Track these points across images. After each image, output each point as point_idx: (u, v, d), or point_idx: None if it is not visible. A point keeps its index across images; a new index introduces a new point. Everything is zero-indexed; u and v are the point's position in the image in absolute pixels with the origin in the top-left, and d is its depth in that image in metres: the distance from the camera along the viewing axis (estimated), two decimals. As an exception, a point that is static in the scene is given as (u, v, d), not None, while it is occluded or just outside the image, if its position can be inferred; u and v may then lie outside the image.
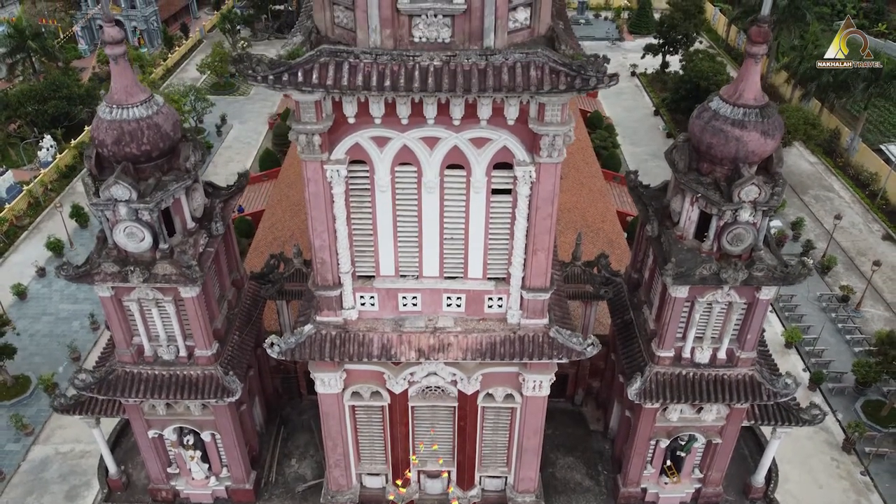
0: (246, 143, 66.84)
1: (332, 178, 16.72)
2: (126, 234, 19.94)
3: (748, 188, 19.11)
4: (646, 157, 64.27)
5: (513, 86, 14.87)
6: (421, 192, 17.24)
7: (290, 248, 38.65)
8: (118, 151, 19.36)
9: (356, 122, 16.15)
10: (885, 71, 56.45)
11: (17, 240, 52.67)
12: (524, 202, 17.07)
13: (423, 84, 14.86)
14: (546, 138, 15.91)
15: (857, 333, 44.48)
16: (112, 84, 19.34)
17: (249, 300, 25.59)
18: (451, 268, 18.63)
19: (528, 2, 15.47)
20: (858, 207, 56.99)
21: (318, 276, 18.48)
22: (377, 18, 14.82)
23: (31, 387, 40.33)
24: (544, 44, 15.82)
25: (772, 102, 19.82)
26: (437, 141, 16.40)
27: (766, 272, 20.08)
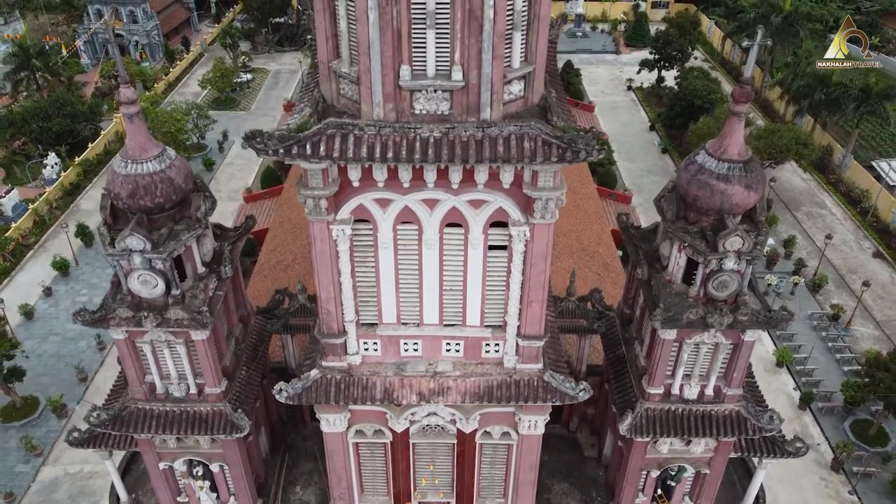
0: (247, 159, 67.73)
1: (338, 236, 17.71)
2: (140, 282, 20.89)
3: (732, 239, 20.09)
4: (641, 173, 65.44)
5: (508, 157, 15.86)
6: (421, 247, 18.21)
7: (292, 273, 39.91)
8: (133, 204, 20.32)
9: (360, 186, 17.13)
10: (875, 90, 57.48)
11: (23, 259, 53.61)
12: (519, 258, 18.06)
13: (423, 155, 15.85)
14: (539, 202, 16.90)
15: (846, 352, 45.56)
16: (127, 140, 20.27)
17: (256, 335, 26.55)
18: (450, 316, 19.61)
19: (523, 75, 16.47)
20: (850, 224, 58.07)
21: (323, 325, 19.45)
22: (380, 94, 15.80)
23: (39, 408, 41.32)
24: (538, 113, 16.80)
25: (755, 156, 20.79)
26: (436, 202, 17.39)
27: (750, 316, 21.08)
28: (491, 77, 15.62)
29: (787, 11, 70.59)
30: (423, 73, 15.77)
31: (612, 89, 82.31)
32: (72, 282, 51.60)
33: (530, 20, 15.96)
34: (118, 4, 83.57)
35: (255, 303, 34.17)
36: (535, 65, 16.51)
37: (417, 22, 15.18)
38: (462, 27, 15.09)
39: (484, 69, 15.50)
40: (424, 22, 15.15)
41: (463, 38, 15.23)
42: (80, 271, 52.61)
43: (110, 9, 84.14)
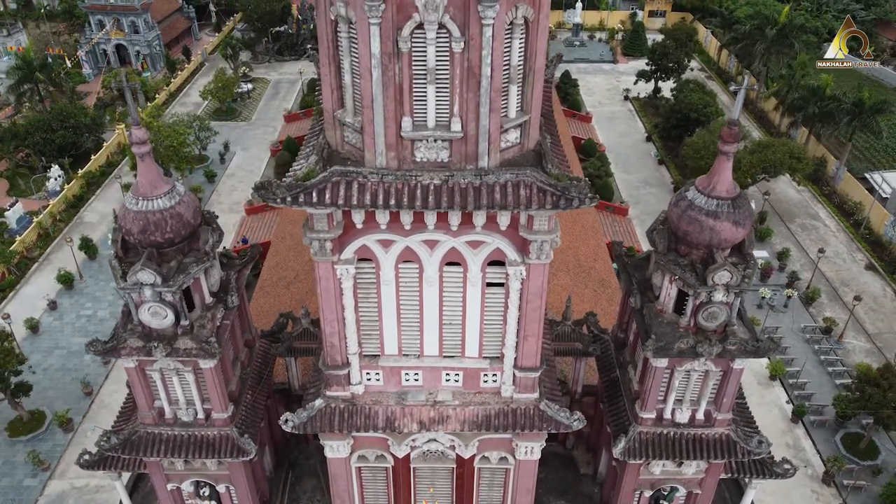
0: (248, 170, 68.51)
1: (342, 275, 18.50)
2: (150, 314, 21.66)
3: (721, 273, 20.90)
4: (638, 185, 66.24)
5: (504, 204, 16.66)
6: (422, 284, 18.99)
7: (295, 291, 40.66)
8: (144, 239, 21.09)
9: (363, 228, 17.92)
10: (868, 105, 58.29)
11: (28, 272, 54.31)
12: (516, 295, 18.86)
13: (424, 201, 16.65)
14: (535, 244, 17.70)
15: (839, 366, 46.37)
16: (138, 177, 21.03)
17: (260, 359, 27.33)
18: (449, 348, 20.40)
19: (519, 123, 17.26)
20: (843, 236, 58.90)
21: (327, 357, 20.24)
22: (383, 144, 16.59)
23: (45, 422, 42.02)
24: (533, 158, 17.61)
25: (743, 192, 21.57)
26: (436, 243, 18.17)
27: (738, 346, 21.91)
28: (488, 128, 16.42)
29: (782, 24, 71.38)
30: (424, 124, 16.56)
31: (609, 99, 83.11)
32: (76, 295, 52.31)
33: (526, 73, 16.75)
34: (119, 15, 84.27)
35: (258, 319, 35.12)
36: (531, 114, 17.31)
37: (418, 78, 15.97)
38: (461, 83, 15.88)
39: (482, 121, 16.29)
40: (425, 78, 15.93)
41: (462, 93, 16.02)
42: (85, 284, 53.30)
43: (112, 19, 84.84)
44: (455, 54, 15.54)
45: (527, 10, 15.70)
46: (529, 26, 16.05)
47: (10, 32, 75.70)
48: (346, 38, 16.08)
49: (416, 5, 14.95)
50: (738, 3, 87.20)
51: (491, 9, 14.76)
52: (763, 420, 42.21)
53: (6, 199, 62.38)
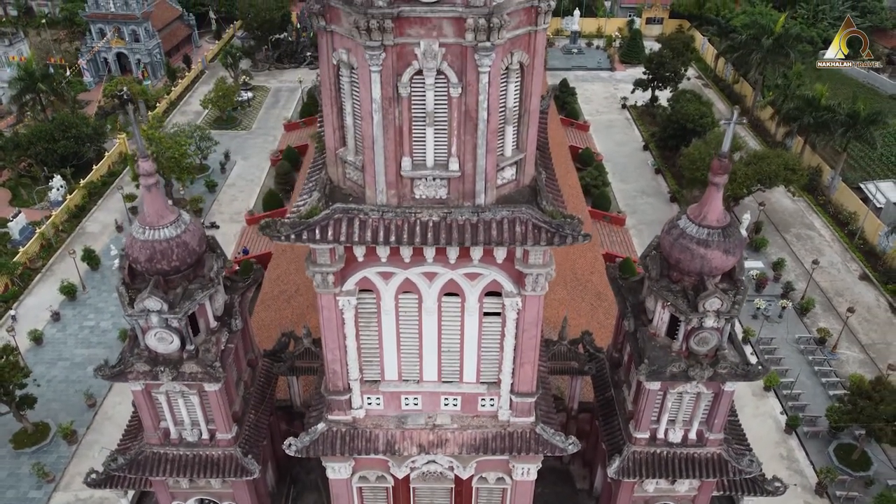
0: (249, 180, 69.08)
1: (344, 306, 19.09)
2: (157, 339, 22.25)
3: (712, 300, 21.51)
4: (635, 194, 66.85)
5: (501, 240, 17.27)
6: (421, 314, 19.59)
7: (296, 304, 41.22)
8: (150, 267, 21.66)
9: (364, 261, 18.50)
10: (863, 116, 58.93)
11: (31, 282, 54.85)
12: (512, 324, 19.47)
13: (423, 238, 17.26)
14: (530, 276, 18.30)
15: (832, 376, 47.01)
16: (145, 207, 21.61)
17: (263, 378, 27.92)
18: (448, 374, 21.00)
19: (514, 161, 17.87)
20: (838, 246, 59.53)
21: (329, 383, 20.84)
22: (384, 182, 17.19)
23: (50, 434, 42.59)
24: (528, 194, 18.21)
25: (734, 221, 22.18)
26: (435, 275, 18.76)
27: (729, 370, 22.52)
28: (485, 168, 17.02)
29: (778, 33, 72.02)
30: (423, 163, 17.17)
31: (606, 107, 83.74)
32: (79, 306, 52.87)
33: (521, 114, 17.35)
34: (120, 24, 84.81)
35: (260, 333, 35.75)
36: (526, 152, 17.91)
37: (418, 120, 16.57)
38: (458, 125, 16.49)
39: (479, 161, 16.89)
40: (424, 120, 16.54)
41: (459, 135, 16.62)
42: (87, 295, 53.86)
43: (113, 28, 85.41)
44: (453, 99, 16.14)
45: (522, 55, 16.31)
46: (524, 70, 16.66)
47: (12, 42, 76.09)
48: (347, 82, 16.67)
49: (415, 53, 15.55)
50: (735, 12, 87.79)
51: (487, 57, 15.36)
52: (757, 431, 43.13)
53: (9, 210, 62.97)
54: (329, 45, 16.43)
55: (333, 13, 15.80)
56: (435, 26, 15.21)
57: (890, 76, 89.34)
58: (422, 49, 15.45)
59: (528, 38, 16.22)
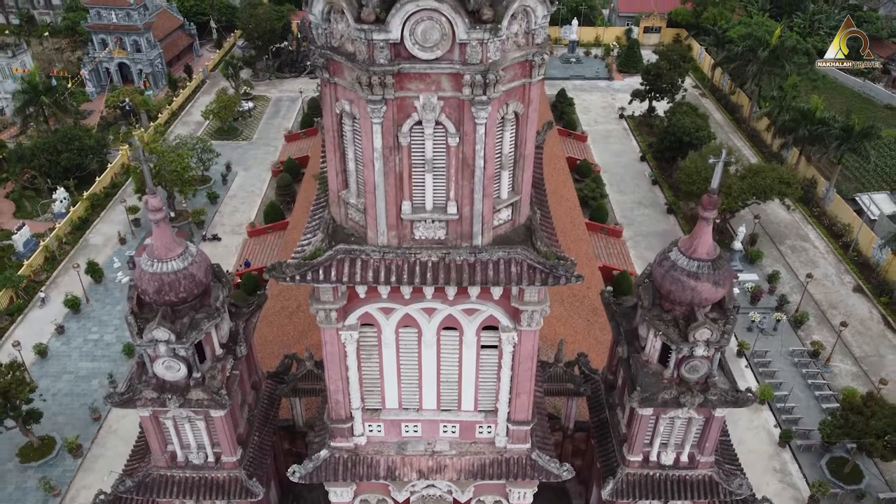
0: (250, 191, 69.71)
1: (346, 340, 19.83)
2: (165, 367, 23.00)
3: (702, 330, 22.25)
4: (632, 206, 67.51)
5: (497, 280, 18.01)
6: (421, 347, 20.33)
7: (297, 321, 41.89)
8: (159, 299, 22.39)
9: (366, 298, 19.24)
10: (857, 130, 59.66)
11: (35, 296, 55.49)
12: (508, 357, 20.21)
13: (422, 277, 17.99)
14: (526, 313, 19.04)
15: (825, 389, 47.68)
16: (153, 240, 22.32)
17: (266, 400, 28.65)
18: (446, 402, 21.75)
19: (510, 203, 18.60)
20: (832, 258, 60.23)
21: (332, 412, 21.57)
22: (385, 224, 17.91)
23: (56, 448, 43.22)
24: (524, 233, 18.95)
25: (723, 254, 22.90)
26: (434, 310, 19.50)
27: (719, 396, 23.27)
28: (482, 211, 17.75)
29: (774, 45, 72.76)
30: (423, 207, 17.90)
31: (604, 117, 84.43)
32: (83, 319, 53.51)
33: (517, 159, 18.08)
34: (122, 34, 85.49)
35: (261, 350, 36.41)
36: (522, 193, 18.64)
37: (417, 167, 17.31)
38: (456, 172, 17.22)
39: (476, 205, 17.62)
40: (423, 167, 17.27)
41: (457, 180, 17.35)
42: (91, 308, 54.49)
43: (115, 38, 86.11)
44: (451, 147, 16.87)
45: (517, 105, 17.04)
46: (519, 119, 17.39)
47: (15, 53, 76.72)
48: (350, 130, 17.40)
49: (414, 105, 16.28)
50: (732, 22, 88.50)
51: (483, 110, 16.09)
52: (751, 444, 43.88)
53: (13, 222, 63.63)
54: (332, 96, 17.15)
55: (336, 67, 16.52)
56: (434, 81, 15.94)
57: (885, 86, 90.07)
58: (421, 102, 16.17)
59: (523, 89, 16.95)
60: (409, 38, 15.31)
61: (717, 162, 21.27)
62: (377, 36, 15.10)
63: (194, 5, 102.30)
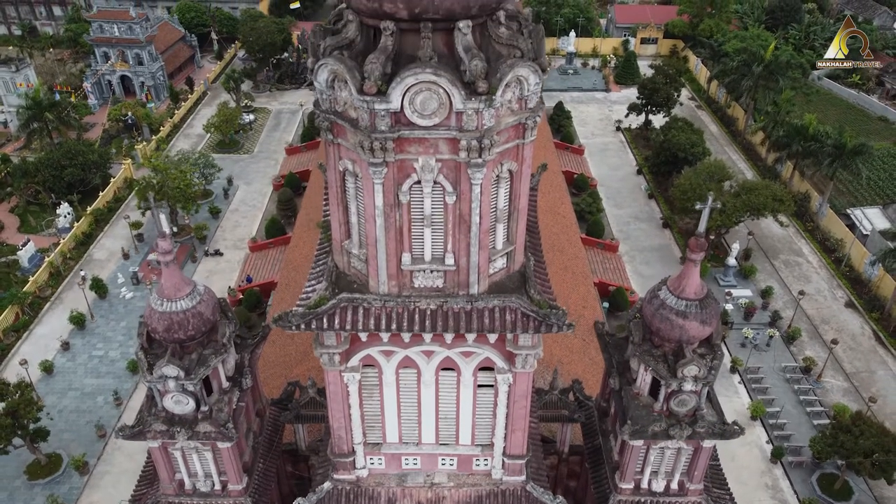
0: (252, 205, 70.64)
1: (349, 381, 20.75)
2: (174, 402, 23.91)
3: (689, 367, 23.18)
4: (628, 220, 68.49)
5: (493, 327, 18.94)
6: (420, 386, 21.24)
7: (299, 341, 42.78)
8: (168, 337, 23.29)
9: (368, 341, 20.14)
10: (849, 147, 60.63)
11: (40, 311, 56.42)
12: (504, 396, 21.14)
13: (422, 325, 18.92)
14: (520, 357, 19.96)
15: (817, 406, 48.64)
16: (163, 280, 23.22)
17: (271, 427, 29.56)
18: (445, 437, 22.68)
19: (505, 253, 19.52)
20: (825, 273, 61.21)
21: (335, 447, 22.49)
22: (385, 274, 18.83)
23: (62, 465, 44.16)
24: (518, 280, 19.86)
25: (711, 292, 23.83)
26: (432, 353, 20.42)
27: (706, 429, 24.20)
28: (478, 262, 18.67)
29: (768, 60, 73.73)
30: (422, 258, 18.81)
31: (601, 130, 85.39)
32: (88, 335, 54.41)
33: (511, 212, 19.01)
34: (124, 47, 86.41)
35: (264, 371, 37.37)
36: (516, 243, 19.56)
37: (416, 222, 18.22)
38: (454, 226, 18.14)
39: (472, 257, 18.54)
40: (422, 222, 18.19)
41: (454, 234, 18.27)
42: (96, 324, 55.39)
43: (117, 51, 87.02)
44: (448, 204, 17.79)
45: (511, 164, 17.98)
46: (513, 176, 18.32)
47: (19, 68, 77.62)
48: (352, 187, 18.32)
49: (414, 167, 17.21)
50: (728, 35, 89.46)
51: (479, 171, 17.02)
52: (744, 460, 44.85)
53: (17, 237, 64.54)
54: (336, 155, 18.08)
55: (339, 129, 17.45)
56: (432, 145, 16.87)
57: (879, 97, 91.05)
58: (420, 164, 17.10)
59: (517, 148, 17.88)
60: (409, 107, 16.23)
61: (703, 207, 22.17)
62: (378, 106, 16.02)
63: (195, 17, 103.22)
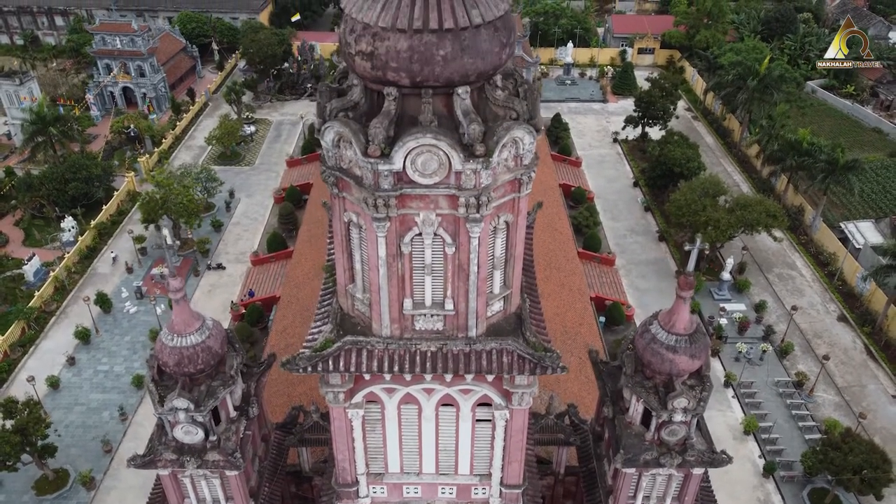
0: (253, 218, 71.52)
1: (352, 416, 21.71)
2: (184, 432, 24.85)
3: (679, 399, 24.15)
4: (625, 233, 69.44)
5: (490, 369, 19.89)
6: (421, 420, 22.19)
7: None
8: (178, 371, 24.24)
9: (371, 380, 21.09)
10: (841, 163, 61.63)
11: (46, 326, 57.32)
12: (501, 430, 22.10)
13: (422, 367, 19.87)
14: (516, 395, 20.92)
15: (809, 420, 49.64)
16: (173, 316, 24.15)
17: (276, 450, 30.51)
18: (444, 467, 23.63)
19: (502, 296, 20.47)
20: (818, 287, 62.20)
21: (339, 477, 23.44)
22: (388, 318, 19.78)
23: (69, 481, 45.09)
24: (514, 322, 20.81)
25: (700, 327, 24.79)
26: (433, 390, 21.37)
27: (696, 457, 25.19)
28: (476, 307, 19.62)
29: (763, 74, 74.73)
30: (422, 303, 19.76)
31: (598, 141, 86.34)
32: (93, 350, 55.32)
33: (507, 259, 19.95)
34: (127, 60, 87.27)
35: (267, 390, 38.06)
36: (513, 287, 20.51)
37: (417, 271, 19.16)
38: (453, 275, 19.09)
39: (470, 303, 19.49)
40: (423, 271, 19.13)
41: (454, 282, 19.22)
42: (100, 339, 56.29)
43: (119, 63, 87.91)
44: (448, 255, 18.74)
45: (507, 216, 18.93)
46: (510, 226, 19.26)
47: (23, 81, 78.48)
48: (357, 237, 19.27)
49: (415, 220, 18.15)
50: (724, 47, 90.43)
51: (477, 226, 17.97)
52: (737, 475, 45.81)
53: (22, 251, 65.45)
54: (341, 207, 19.03)
55: (345, 184, 18.39)
56: (432, 201, 17.82)
57: (873, 108, 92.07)
58: (421, 218, 18.05)
59: (513, 202, 18.83)
60: (411, 167, 17.18)
61: (692, 249, 23.13)
62: (382, 167, 16.97)
63: (196, 27, 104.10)
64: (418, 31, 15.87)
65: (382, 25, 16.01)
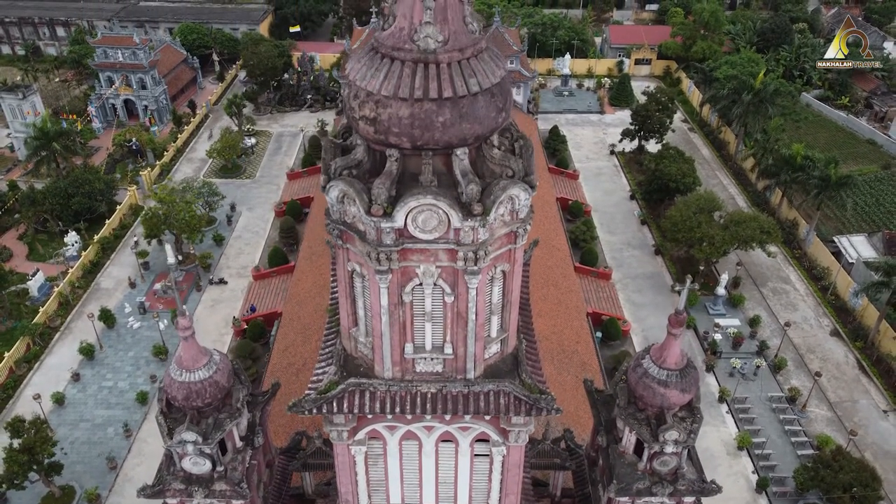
0: (254, 232, 72.35)
1: (356, 452, 22.58)
2: (192, 463, 25.72)
3: (670, 432, 25.04)
4: (621, 247, 70.33)
5: (487, 409, 20.76)
6: (421, 456, 23.04)
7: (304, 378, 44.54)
8: (187, 405, 25.10)
9: (373, 419, 21.92)
10: (834, 180, 62.56)
11: (50, 342, 58.12)
12: (498, 465, 22.97)
13: (423, 408, 20.73)
14: (513, 433, 21.78)
15: (801, 435, 50.55)
16: (181, 352, 25.00)
17: (279, 476, 31.36)
18: (444, 499, 24.46)
19: (499, 339, 21.34)
20: (811, 301, 63.13)
21: (343, 508, 24.29)
22: (390, 362, 20.65)
23: (76, 497, 45.93)
24: (511, 362, 21.69)
25: (691, 362, 25.68)
26: (432, 427, 22.22)
27: (687, 486, 26.08)
28: (474, 351, 20.49)
29: (757, 88, 75.66)
30: (423, 347, 20.62)
31: (595, 153, 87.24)
32: (97, 366, 56.12)
33: (504, 304, 20.83)
34: (128, 72, 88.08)
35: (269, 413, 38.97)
36: (510, 330, 21.39)
37: (418, 318, 20.03)
38: (452, 321, 19.95)
39: (469, 348, 20.36)
40: (423, 318, 20.00)
41: (453, 328, 20.08)
42: (105, 355, 57.09)
43: (121, 76, 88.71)
44: (447, 303, 19.60)
45: (504, 266, 19.81)
46: (506, 275, 20.14)
47: (25, 95, 79.26)
48: (360, 286, 20.13)
49: (416, 272, 19.02)
50: (720, 60, 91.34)
51: (475, 277, 18.84)
52: (730, 490, 46.68)
53: (26, 265, 66.24)
54: (344, 257, 19.90)
55: (349, 237, 19.26)
56: (432, 255, 18.69)
57: (868, 120, 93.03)
58: (421, 270, 18.92)
59: (509, 252, 19.69)
60: (412, 224, 18.05)
61: (682, 289, 23.99)
62: (384, 224, 17.83)
63: (196, 38, 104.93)
64: (419, 99, 16.74)
65: (385, 94, 16.88)
